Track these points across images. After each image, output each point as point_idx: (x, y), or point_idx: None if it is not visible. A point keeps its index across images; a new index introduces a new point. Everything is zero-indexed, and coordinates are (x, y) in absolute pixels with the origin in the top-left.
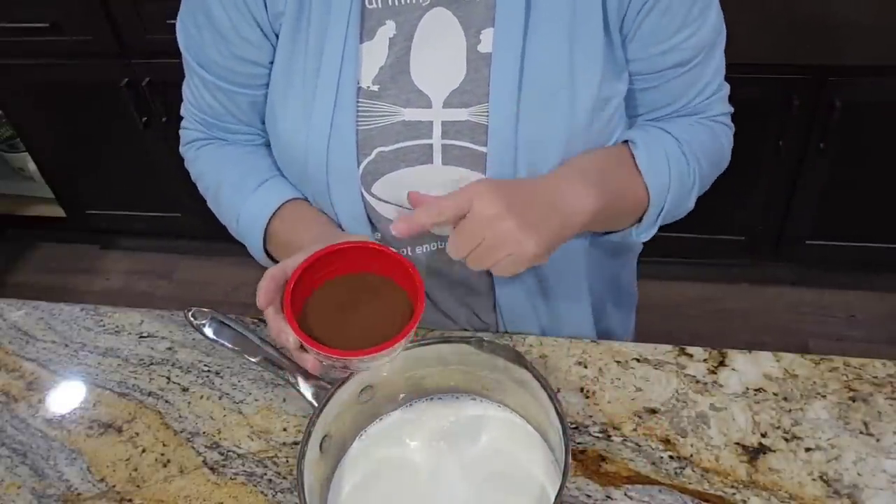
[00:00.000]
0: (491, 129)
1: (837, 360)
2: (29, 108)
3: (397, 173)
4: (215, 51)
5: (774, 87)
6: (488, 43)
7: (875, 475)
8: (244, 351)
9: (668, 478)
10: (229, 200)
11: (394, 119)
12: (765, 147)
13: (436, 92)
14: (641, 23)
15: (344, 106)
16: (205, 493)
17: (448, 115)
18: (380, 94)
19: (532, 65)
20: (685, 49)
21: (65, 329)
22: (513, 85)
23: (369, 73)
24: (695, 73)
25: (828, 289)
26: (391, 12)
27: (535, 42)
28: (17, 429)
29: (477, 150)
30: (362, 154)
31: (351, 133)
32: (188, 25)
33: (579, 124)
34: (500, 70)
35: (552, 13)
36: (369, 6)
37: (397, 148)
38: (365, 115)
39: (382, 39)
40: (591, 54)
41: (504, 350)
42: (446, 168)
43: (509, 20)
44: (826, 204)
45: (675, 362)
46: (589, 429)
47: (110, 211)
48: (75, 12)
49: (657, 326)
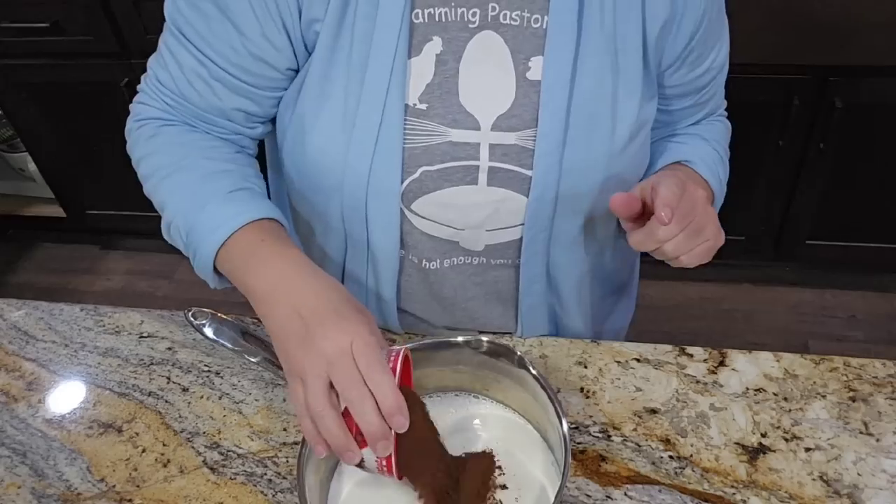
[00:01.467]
0: (538, 155)
1: (837, 360)
2: (29, 108)
3: (440, 192)
4: (227, 45)
5: (774, 87)
6: (537, 70)
7: (875, 475)
8: (244, 351)
9: (668, 478)
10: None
11: (441, 139)
12: (765, 147)
13: (484, 115)
14: (689, 54)
15: (391, 124)
16: (205, 493)
17: (496, 139)
18: (427, 113)
19: (579, 94)
20: (715, 67)
21: (65, 329)
22: (561, 113)
23: (417, 90)
24: (716, 86)
25: (828, 289)
26: (438, 28)
27: (583, 73)
28: (17, 429)
29: (522, 173)
30: (406, 172)
31: (398, 152)
32: (186, 11)
33: (618, 149)
34: (550, 98)
35: (598, 46)
36: (416, 20)
37: (443, 168)
38: (411, 134)
39: (429, 56)
40: (632, 84)
41: (504, 350)
42: (490, 189)
43: (560, 51)
44: (826, 204)
45: (675, 362)
46: (589, 429)
47: (110, 211)
48: (75, 12)
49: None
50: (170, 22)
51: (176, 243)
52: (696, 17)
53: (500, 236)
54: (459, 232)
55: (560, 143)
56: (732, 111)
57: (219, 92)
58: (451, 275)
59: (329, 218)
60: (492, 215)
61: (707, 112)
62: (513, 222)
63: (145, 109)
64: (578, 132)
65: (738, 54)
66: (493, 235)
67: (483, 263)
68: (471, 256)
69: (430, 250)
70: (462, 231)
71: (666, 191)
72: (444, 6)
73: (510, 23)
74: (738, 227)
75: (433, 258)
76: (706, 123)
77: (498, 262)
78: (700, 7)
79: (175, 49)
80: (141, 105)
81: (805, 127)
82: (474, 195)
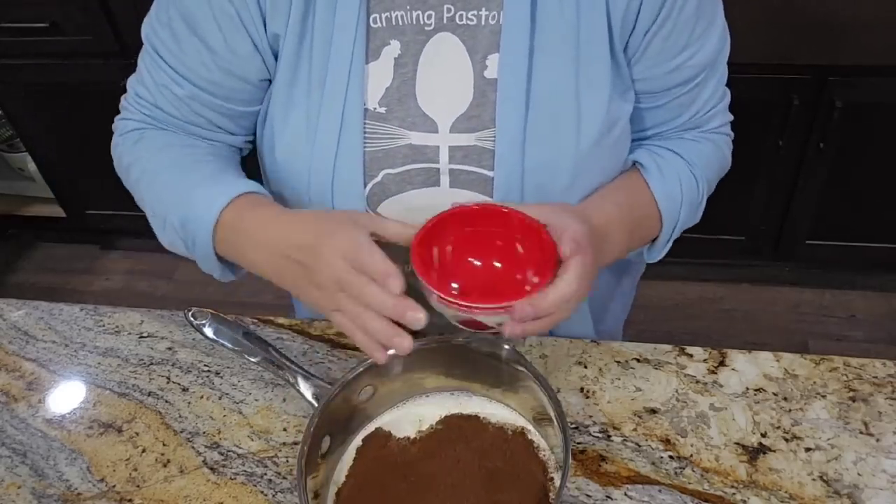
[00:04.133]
0: (498, 155)
1: (837, 360)
2: (29, 108)
3: (404, 195)
4: (198, 62)
5: (774, 87)
6: (494, 69)
7: (875, 475)
8: (244, 351)
9: (668, 478)
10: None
11: (400, 142)
12: (765, 147)
13: (442, 117)
14: (648, 44)
15: (351, 127)
16: (205, 493)
17: (455, 140)
18: (386, 117)
19: (538, 90)
20: (689, 67)
21: (65, 329)
22: (519, 111)
23: (375, 93)
24: (698, 89)
25: (828, 289)
26: (395, 32)
27: (541, 67)
28: (17, 429)
29: (484, 174)
30: (369, 175)
31: (358, 155)
32: (161, 32)
33: (587, 147)
34: (506, 96)
35: (557, 38)
36: (374, 25)
37: (404, 171)
38: (371, 137)
39: (388, 60)
40: (598, 77)
41: (504, 350)
42: (453, 191)
43: (514, 46)
44: (826, 204)
45: (675, 362)
46: (589, 429)
47: (110, 211)
48: (75, 12)
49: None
50: (146, 42)
51: (175, 245)
52: (656, 5)
53: None
54: None
55: (520, 143)
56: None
57: (195, 108)
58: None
59: None
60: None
61: (687, 122)
62: None
63: (127, 124)
64: (540, 130)
65: (738, 54)
66: None
67: None
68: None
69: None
70: None
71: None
72: (400, 10)
73: (467, 23)
74: (738, 227)
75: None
76: (692, 143)
77: None
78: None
79: (151, 68)
80: (123, 121)
81: (805, 127)
82: (437, 197)
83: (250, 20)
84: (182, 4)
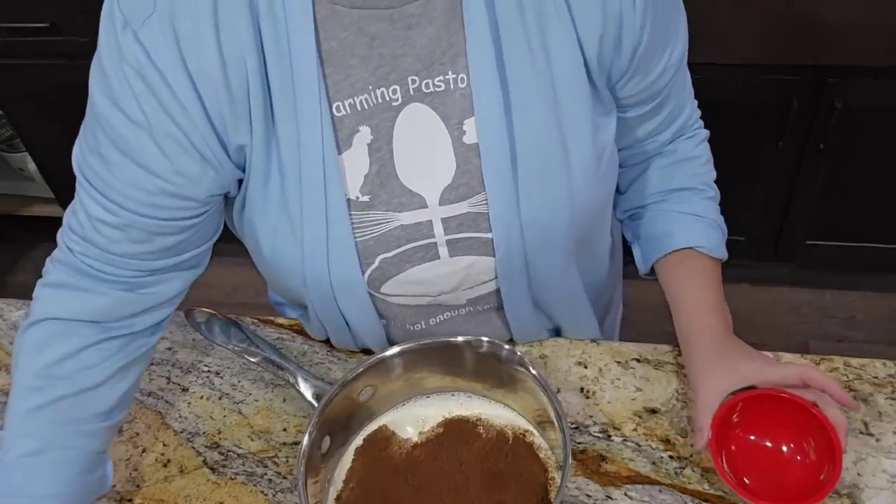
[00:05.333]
0: (493, 217)
1: (837, 360)
2: (29, 108)
3: (405, 274)
4: (134, 188)
5: (774, 88)
6: (472, 133)
7: (875, 475)
8: (244, 351)
9: (668, 478)
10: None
11: (391, 225)
12: (765, 148)
13: (429, 191)
14: (637, 65)
15: (337, 222)
16: (205, 492)
17: (446, 212)
18: (371, 204)
19: (523, 147)
20: (671, 66)
21: None
22: (506, 170)
23: (355, 183)
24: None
25: (828, 289)
26: (363, 116)
27: (521, 122)
28: None
29: (483, 237)
30: (365, 264)
31: (350, 247)
32: (89, 158)
33: (579, 186)
34: (491, 159)
35: (532, 90)
36: (338, 114)
37: (400, 252)
38: (360, 226)
39: (360, 147)
40: (581, 116)
41: (504, 350)
42: (455, 259)
43: (488, 107)
44: (826, 204)
45: (675, 362)
46: (589, 429)
47: None
48: (75, 13)
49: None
50: (75, 169)
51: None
52: (635, 33)
53: (479, 290)
54: (437, 297)
55: (513, 201)
56: (732, 111)
57: (133, 237)
58: (439, 330)
59: (307, 308)
60: (463, 280)
61: (668, 116)
62: (487, 278)
63: (51, 273)
64: (531, 185)
65: (738, 55)
66: (472, 291)
67: (470, 312)
68: (455, 310)
69: (412, 317)
70: (439, 296)
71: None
72: (363, 93)
73: (434, 90)
74: (738, 228)
75: (417, 321)
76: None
77: (485, 308)
78: (636, 23)
79: (83, 198)
80: (52, 263)
81: (804, 128)
82: (439, 269)
83: (201, 141)
84: (112, 129)
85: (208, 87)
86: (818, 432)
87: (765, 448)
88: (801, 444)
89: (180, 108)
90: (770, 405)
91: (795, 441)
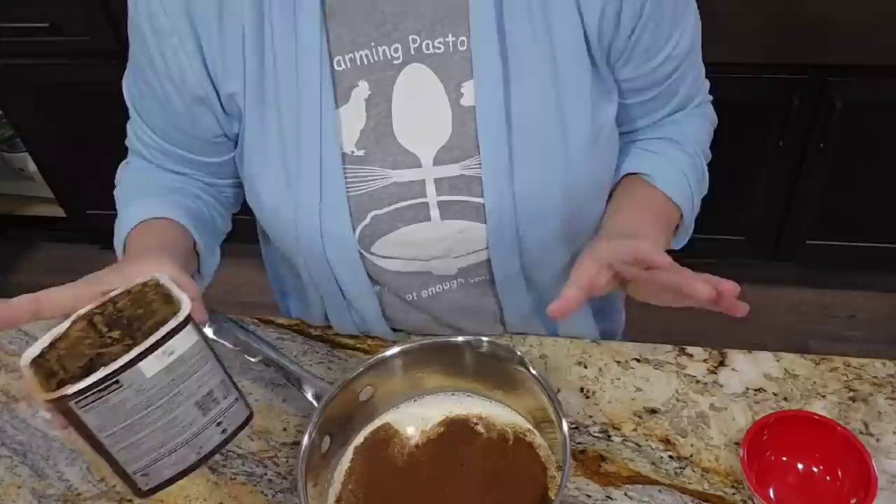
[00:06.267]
0: (485, 182)
1: (837, 360)
2: (29, 108)
3: (396, 233)
4: (157, 117)
5: (774, 87)
6: (470, 96)
7: None
8: (244, 351)
9: (668, 478)
10: (122, 196)
11: (384, 182)
12: (765, 147)
13: (424, 151)
14: (636, 44)
15: (331, 175)
16: (205, 493)
17: (440, 173)
18: (366, 159)
19: (519, 112)
20: (676, 56)
21: None
22: (501, 135)
23: (351, 137)
24: (683, 73)
25: (828, 289)
26: (362, 72)
27: (519, 89)
28: (17, 429)
29: (475, 201)
30: (357, 219)
31: (343, 201)
32: (130, 86)
33: (575, 162)
34: (486, 122)
35: (532, 57)
36: (338, 68)
37: (392, 210)
38: (354, 181)
39: (358, 101)
40: (579, 91)
41: (504, 350)
42: (446, 223)
43: (488, 70)
44: (826, 204)
45: (675, 362)
46: (589, 429)
47: (110, 211)
48: (75, 12)
49: (657, 326)
50: (128, 102)
51: None
52: (635, 9)
53: (470, 259)
54: (428, 263)
55: (507, 167)
56: (732, 111)
57: (167, 155)
58: (432, 303)
59: (300, 269)
60: (454, 246)
61: (676, 106)
62: (478, 247)
63: (128, 160)
64: (526, 153)
65: (738, 54)
66: (463, 260)
67: (462, 284)
68: (447, 281)
69: (404, 285)
70: (430, 262)
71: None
72: (364, 48)
73: (435, 52)
74: (738, 227)
75: (410, 291)
76: (681, 119)
77: (477, 280)
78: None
79: (131, 117)
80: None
81: (805, 127)
82: (430, 231)
83: (199, 86)
84: (138, 62)
85: (205, 32)
86: (851, 455)
87: (795, 468)
88: (833, 466)
89: (181, 47)
90: (802, 427)
91: (826, 463)
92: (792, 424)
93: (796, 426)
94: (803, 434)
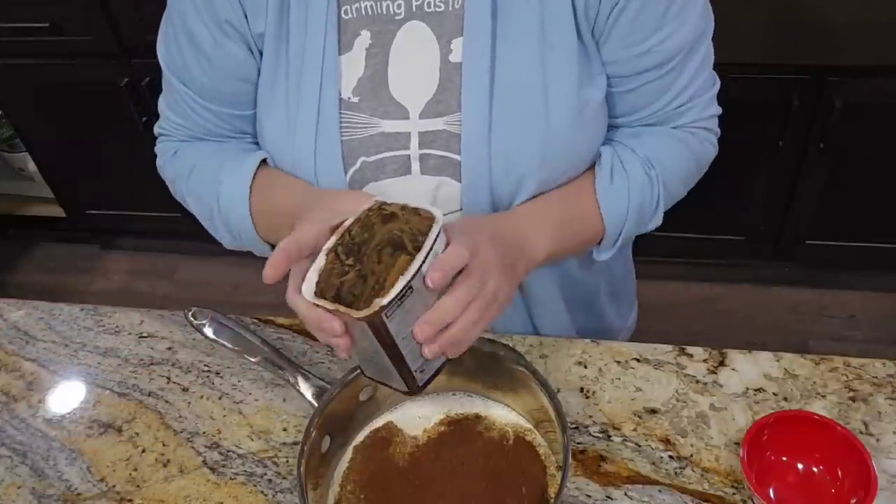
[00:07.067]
0: (464, 138)
1: (837, 360)
2: (29, 108)
3: (379, 183)
4: (200, 71)
5: (774, 87)
6: (459, 52)
7: None
8: (244, 351)
9: (668, 478)
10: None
11: (374, 130)
12: (765, 147)
13: (412, 103)
14: (613, 26)
15: (327, 117)
16: (205, 493)
17: (424, 126)
18: (360, 106)
19: (503, 73)
20: (662, 51)
21: (65, 329)
22: (484, 94)
23: (349, 83)
24: (673, 75)
25: (828, 289)
26: (366, 22)
27: (506, 50)
28: (17, 429)
29: (453, 158)
30: (348, 163)
31: (336, 144)
32: (171, 45)
33: (555, 132)
34: (471, 79)
35: (521, 21)
36: (345, 17)
37: (378, 159)
38: (347, 126)
39: (360, 50)
40: (565, 61)
41: (504, 350)
42: (425, 178)
43: (477, 29)
44: (826, 204)
45: (675, 362)
46: (589, 429)
47: (110, 211)
48: (75, 12)
49: (657, 326)
50: (161, 62)
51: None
52: None
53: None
54: None
55: (486, 128)
56: (732, 111)
57: (214, 116)
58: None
59: None
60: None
61: (659, 112)
62: (454, 207)
63: (164, 146)
64: (506, 116)
65: (738, 54)
66: None
67: None
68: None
69: None
70: None
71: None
72: (370, 0)
73: (435, 10)
74: (738, 227)
75: None
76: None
77: None
78: None
79: (168, 87)
80: (161, 144)
81: (805, 127)
82: (409, 185)
83: (239, 23)
84: (183, 20)
85: None
86: (851, 455)
87: (795, 468)
88: (833, 466)
89: None
90: (802, 427)
91: (826, 463)
92: (792, 424)
93: (796, 426)
94: (803, 434)
